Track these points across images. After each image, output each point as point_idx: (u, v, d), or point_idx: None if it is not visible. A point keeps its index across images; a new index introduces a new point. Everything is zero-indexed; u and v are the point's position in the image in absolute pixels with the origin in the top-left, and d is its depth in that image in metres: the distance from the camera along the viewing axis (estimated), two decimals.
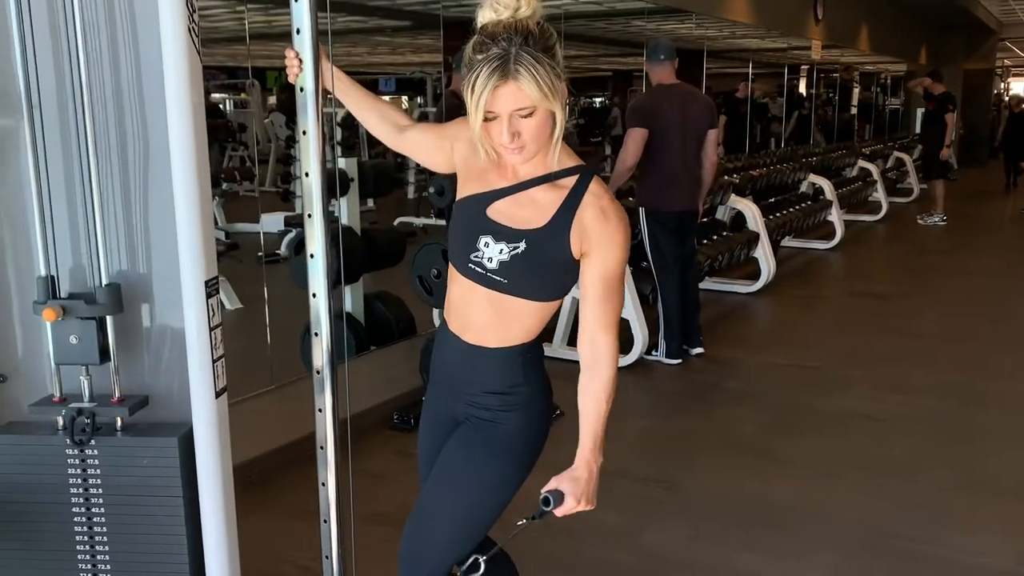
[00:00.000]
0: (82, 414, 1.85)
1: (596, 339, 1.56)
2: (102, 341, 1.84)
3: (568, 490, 1.54)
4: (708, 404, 4.17)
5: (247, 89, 8.38)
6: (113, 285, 1.83)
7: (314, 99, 1.78)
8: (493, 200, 1.58)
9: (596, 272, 1.54)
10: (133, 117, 1.85)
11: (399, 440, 3.61)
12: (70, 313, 1.81)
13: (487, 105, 1.43)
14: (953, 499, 3.11)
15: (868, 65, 14.56)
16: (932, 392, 4.25)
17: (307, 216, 1.85)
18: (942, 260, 7.85)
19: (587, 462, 1.56)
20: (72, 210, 1.87)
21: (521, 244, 1.53)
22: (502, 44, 1.41)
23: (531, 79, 1.41)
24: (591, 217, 1.53)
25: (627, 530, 2.84)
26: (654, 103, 4.50)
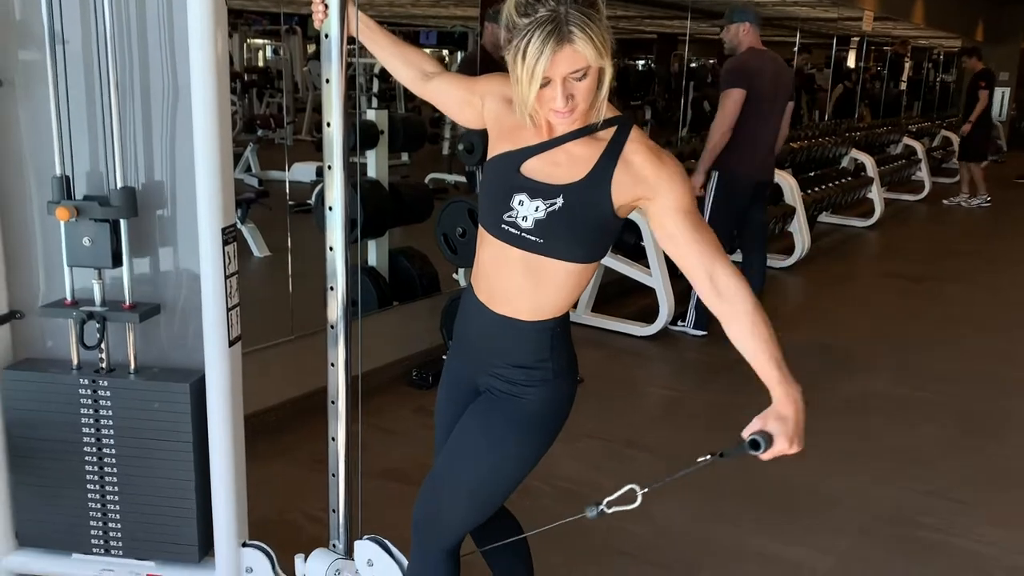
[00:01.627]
0: (93, 317, 1.84)
1: (714, 275, 1.43)
2: (115, 245, 1.83)
3: (777, 430, 1.39)
4: (731, 380, 4.10)
5: (284, 36, 8.33)
6: (128, 188, 1.81)
7: (339, 46, 1.74)
8: (528, 157, 1.51)
9: (672, 212, 1.44)
10: (157, 60, 1.82)
11: (416, 397, 3.61)
12: (84, 214, 1.80)
13: (544, 72, 1.35)
14: (976, 489, 3.05)
15: (921, 39, 14.14)
16: (960, 379, 4.15)
17: (327, 167, 1.82)
18: (982, 245, 7.66)
19: (788, 395, 1.41)
20: (94, 144, 1.85)
21: (558, 200, 1.46)
22: (550, 4, 1.34)
23: (586, 40, 1.34)
24: (641, 162, 1.45)
25: (642, 503, 2.81)
26: (753, 65, 4.29)
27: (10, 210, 1.92)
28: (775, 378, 1.42)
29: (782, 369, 1.42)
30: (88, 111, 1.84)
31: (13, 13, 1.82)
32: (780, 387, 1.41)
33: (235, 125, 7.41)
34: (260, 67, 8.18)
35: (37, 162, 1.88)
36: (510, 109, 1.57)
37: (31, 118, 1.87)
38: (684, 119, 9.79)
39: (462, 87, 1.71)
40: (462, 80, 1.73)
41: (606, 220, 1.48)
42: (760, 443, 1.40)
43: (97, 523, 1.97)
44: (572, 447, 3.09)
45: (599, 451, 3.19)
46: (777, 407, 1.41)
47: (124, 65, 1.81)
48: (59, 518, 1.98)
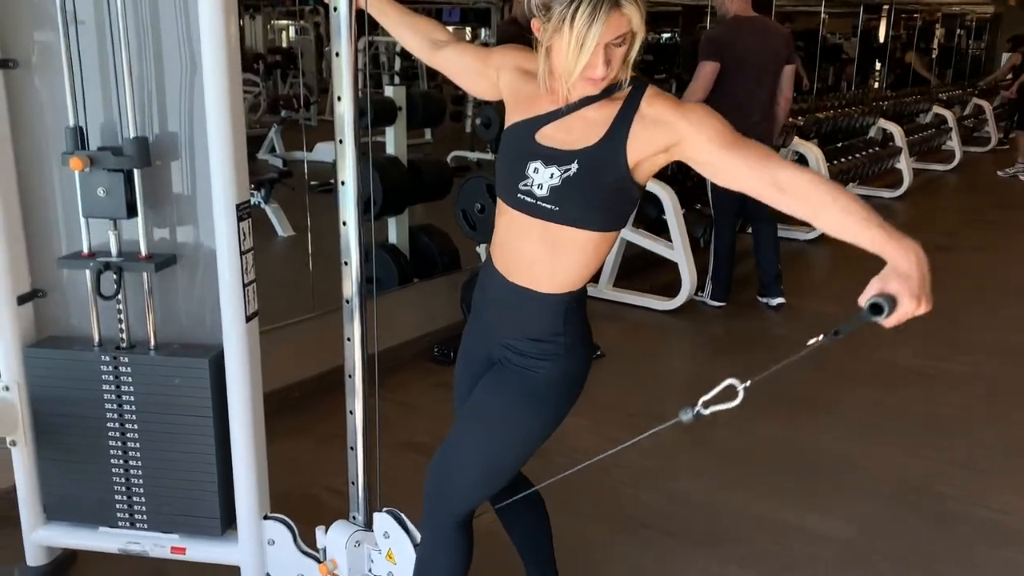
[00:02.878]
0: (109, 268, 1.87)
1: (778, 182, 1.35)
2: (130, 195, 1.85)
3: (900, 290, 1.26)
4: (754, 351, 4.09)
5: (306, 16, 8.33)
6: (140, 138, 1.83)
7: (348, 19, 1.73)
8: (543, 124, 1.50)
9: (708, 145, 1.39)
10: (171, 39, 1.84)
11: (438, 373, 3.62)
12: (97, 164, 1.82)
13: (595, 40, 1.33)
14: (1000, 461, 3.01)
15: (953, 5, 13.84)
16: (988, 351, 4.09)
17: (338, 142, 1.83)
18: (1014, 215, 7.52)
19: (905, 249, 1.27)
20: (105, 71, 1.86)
21: (573, 166, 1.45)
22: None
23: (634, 4, 1.33)
24: (659, 110, 1.42)
25: (659, 473, 2.82)
26: (729, 35, 4.29)
27: (31, 191, 1.95)
28: (883, 239, 1.28)
29: (888, 228, 1.29)
30: (102, 69, 1.85)
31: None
32: (891, 244, 1.28)
33: (259, 107, 7.44)
34: (284, 48, 8.20)
35: (56, 138, 1.90)
36: (526, 79, 1.56)
37: (49, 94, 1.89)
38: None
39: (475, 58, 1.70)
40: (475, 51, 1.72)
41: (623, 183, 1.45)
42: (883, 306, 1.25)
43: (122, 497, 2.01)
44: (592, 419, 3.08)
45: (620, 423, 3.18)
46: (895, 264, 1.27)
47: (137, 34, 1.82)
48: (85, 492, 2.03)
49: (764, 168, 1.37)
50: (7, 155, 1.89)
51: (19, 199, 1.93)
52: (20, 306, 1.95)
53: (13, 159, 1.91)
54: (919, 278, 1.27)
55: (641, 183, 1.48)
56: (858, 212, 1.31)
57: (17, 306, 1.94)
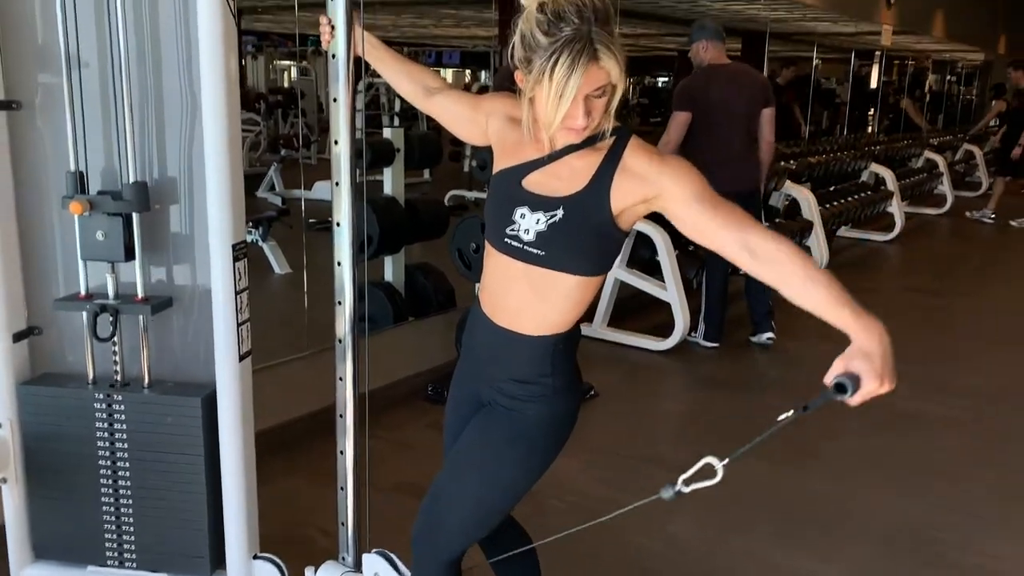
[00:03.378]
0: (106, 310, 1.88)
1: (749, 243, 1.39)
2: (128, 239, 1.87)
3: (864, 369, 1.28)
4: (748, 392, 4.10)
5: (308, 57, 8.44)
6: (139, 183, 1.86)
7: (345, 65, 1.78)
8: (529, 171, 1.53)
9: (685, 202, 1.42)
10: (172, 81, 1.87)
11: (432, 412, 3.62)
12: (97, 208, 1.84)
13: (575, 91, 1.37)
14: (993, 506, 3.01)
15: (943, 53, 14.06)
16: (979, 395, 4.11)
17: (334, 184, 1.86)
18: (1005, 259, 7.58)
19: (867, 331, 1.30)
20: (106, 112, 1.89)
21: (559, 211, 1.48)
22: (574, 23, 1.35)
23: (611, 57, 1.37)
24: (641, 163, 1.46)
25: (655, 517, 2.81)
26: (701, 85, 4.40)
27: (29, 229, 1.97)
28: (848, 317, 1.31)
29: (853, 306, 1.32)
30: (104, 115, 1.89)
31: (36, 37, 1.88)
32: (857, 323, 1.31)
33: (260, 145, 7.51)
34: (285, 88, 8.30)
35: (56, 179, 1.93)
36: (513, 127, 1.59)
37: (52, 135, 1.92)
38: None
39: (466, 105, 1.74)
40: (466, 98, 1.77)
41: (606, 229, 1.48)
42: (847, 386, 1.29)
43: (112, 535, 2.01)
44: (585, 460, 3.09)
45: (614, 465, 3.19)
46: (858, 344, 1.30)
47: (140, 80, 1.86)
48: (75, 530, 2.02)
49: (738, 231, 1.40)
50: (7, 194, 1.92)
51: (18, 237, 1.95)
52: (15, 343, 1.96)
53: (13, 198, 1.93)
54: (882, 358, 1.29)
55: (625, 229, 1.51)
56: (826, 286, 1.34)
57: (12, 343, 1.95)
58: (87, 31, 1.86)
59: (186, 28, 1.84)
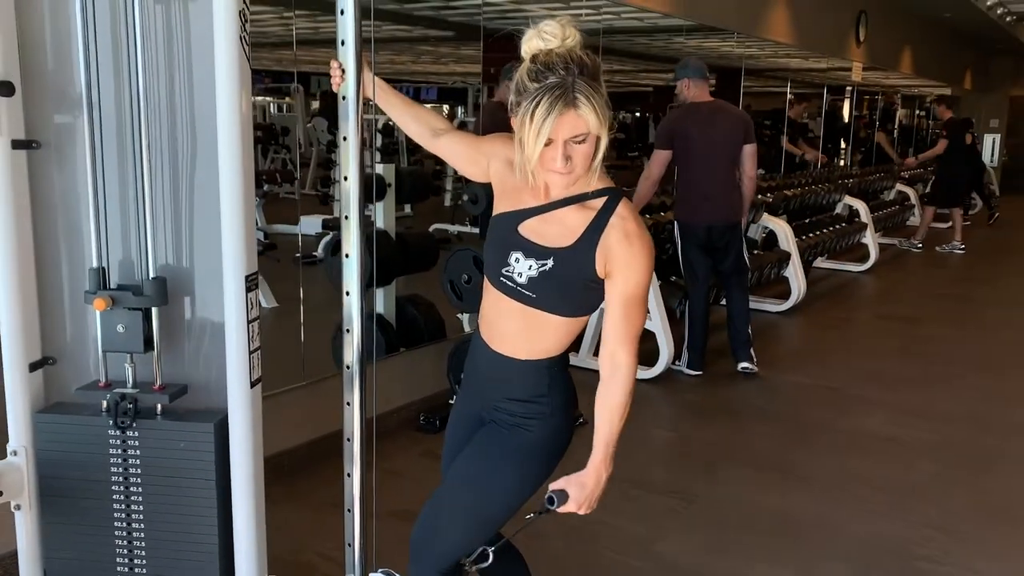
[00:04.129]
0: (125, 399, 1.96)
1: (616, 353, 1.62)
2: (147, 331, 1.94)
3: (573, 494, 1.62)
4: (731, 419, 4.20)
5: (292, 93, 8.54)
6: (159, 279, 1.93)
7: (355, 107, 1.87)
8: (525, 218, 1.66)
9: (618, 292, 1.61)
10: (184, 120, 1.96)
11: (424, 441, 3.69)
12: (118, 303, 1.92)
13: (549, 133, 1.50)
14: (970, 523, 3.12)
15: (912, 88, 14.44)
16: (954, 418, 4.24)
17: (344, 218, 1.94)
18: (976, 288, 7.78)
19: (596, 470, 1.63)
20: (124, 206, 1.97)
21: (549, 261, 1.61)
22: (560, 73, 1.49)
23: (590, 107, 1.49)
24: (616, 239, 1.60)
25: (644, 538, 2.89)
26: (681, 122, 4.56)
27: (44, 264, 2.04)
28: (598, 456, 1.63)
29: (607, 451, 1.63)
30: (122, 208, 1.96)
31: (47, 79, 1.96)
32: (598, 462, 1.63)
33: None
34: (266, 124, 8.38)
35: (67, 219, 2.00)
36: (512, 171, 1.70)
37: (65, 180, 2.00)
38: None
39: (469, 146, 1.86)
40: (469, 139, 1.88)
41: (592, 282, 1.62)
42: (555, 500, 1.63)
43: (123, 561, 2.05)
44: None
45: (606, 490, 3.26)
46: (582, 475, 1.63)
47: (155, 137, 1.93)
48: (86, 557, 2.06)
49: (623, 339, 1.62)
50: (26, 227, 1.99)
51: (35, 265, 2.02)
52: (31, 372, 2.02)
53: (32, 232, 2.00)
54: (591, 491, 1.63)
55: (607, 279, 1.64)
56: (614, 423, 1.64)
57: (28, 372, 2.01)
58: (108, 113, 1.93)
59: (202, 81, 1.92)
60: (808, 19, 8.16)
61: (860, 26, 9.51)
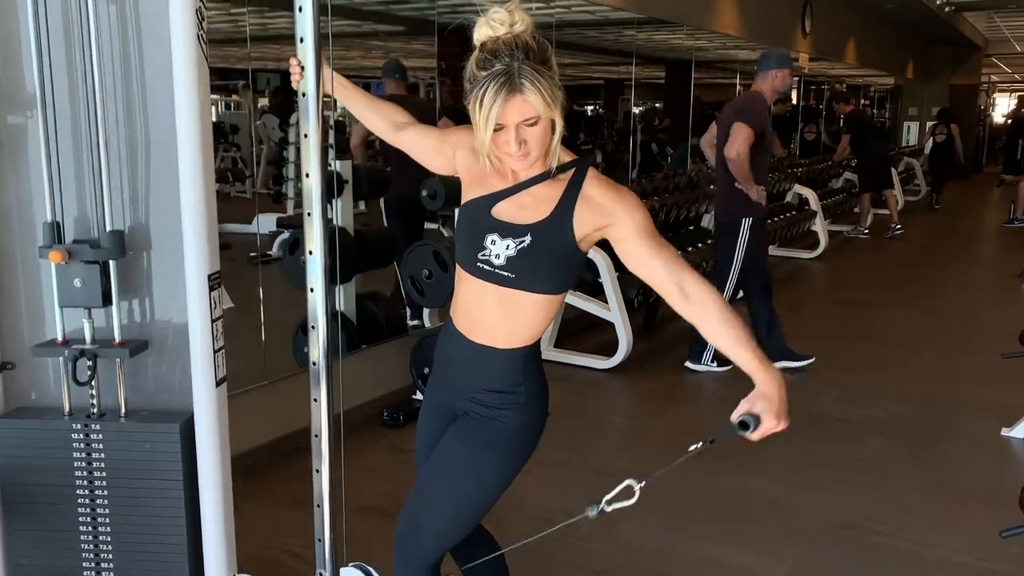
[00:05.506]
0: (84, 355, 1.92)
1: (683, 285, 1.55)
2: (105, 285, 1.92)
3: (764, 409, 1.49)
4: (689, 405, 4.29)
5: (240, 91, 8.43)
6: (116, 231, 1.91)
7: (315, 104, 1.88)
8: (497, 201, 1.67)
9: (635, 235, 1.58)
10: (141, 121, 1.94)
11: (389, 436, 3.71)
12: (75, 257, 1.89)
13: (497, 119, 1.53)
14: (922, 497, 3.23)
15: (857, 78, 14.75)
16: (903, 398, 4.37)
17: (306, 215, 1.95)
18: (921, 270, 8.00)
19: (770, 376, 1.51)
20: (79, 163, 1.94)
21: (527, 238, 1.62)
22: (505, 60, 1.51)
23: (535, 91, 1.51)
24: (599, 193, 1.61)
25: (604, 522, 2.92)
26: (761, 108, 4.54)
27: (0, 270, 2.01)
28: (754, 363, 1.52)
29: (758, 354, 1.52)
30: (76, 162, 1.94)
31: (5, 81, 1.94)
32: (760, 370, 1.51)
33: None
34: (216, 123, 8.26)
35: (23, 214, 1.98)
36: (477, 159, 1.73)
37: (18, 172, 1.98)
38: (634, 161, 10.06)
39: (434, 138, 1.87)
40: (433, 132, 1.90)
41: (570, 252, 1.63)
42: (749, 423, 1.49)
43: (90, 564, 2.04)
44: (541, 476, 3.20)
45: (568, 479, 3.31)
46: (761, 388, 1.51)
47: (110, 120, 1.92)
48: (53, 562, 2.04)
49: (677, 270, 1.57)
50: None
51: None
52: None
53: None
54: (779, 400, 1.50)
55: (585, 251, 1.66)
56: (739, 332, 1.54)
57: None
58: (60, 74, 1.92)
59: (157, 71, 1.92)
60: (755, 11, 8.30)
61: (805, 17, 9.69)
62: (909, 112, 17.11)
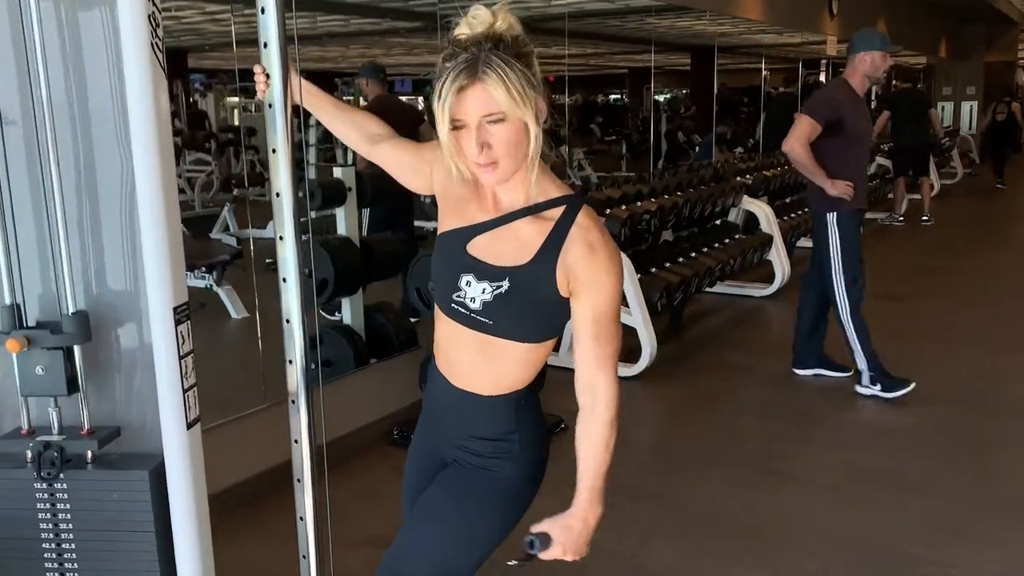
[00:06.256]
0: (50, 447, 1.78)
1: (594, 382, 1.47)
2: (70, 371, 1.77)
3: (557, 538, 1.46)
4: (717, 414, 4.06)
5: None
6: (80, 313, 1.76)
7: (283, 116, 1.70)
8: (474, 235, 1.48)
9: (587, 312, 1.43)
10: (101, 140, 1.78)
11: (398, 456, 3.48)
12: (35, 343, 1.74)
13: (452, 110, 1.34)
14: (967, 515, 2.99)
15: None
16: (947, 400, 4.11)
17: (279, 238, 1.78)
18: (960, 260, 7.67)
19: (583, 512, 1.47)
20: (40, 237, 1.79)
21: (504, 283, 1.43)
22: (472, 50, 1.33)
23: (498, 80, 1.31)
24: (578, 253, 1.41)
25: (627, 544, 2.74)
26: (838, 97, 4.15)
27: None
28: (583, 496, 1.47)
29: (593, 492, 1.48)
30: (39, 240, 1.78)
31: None
32: (584, 503, 1.47)
33: (212, 186, 7.36)
34: (235, 125, 8.18)
35: None
36: (457, 181, 1.52)
37: None
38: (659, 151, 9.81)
39: (411, 154, 1.68)
40: (411, 147, 1.70)
41: (553, 303, 1.44)
42: (536, 544, 1.47)
43: None
44: (559, 499, 2.99)
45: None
46: (569, 517, 1.47)
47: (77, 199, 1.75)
48: None
49: (601, 364, 1.46)
50: None
51: None
52: None
53: None
54: (577, 536, 1.47)
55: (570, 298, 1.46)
56: (599, 461, 1.49)
57: None
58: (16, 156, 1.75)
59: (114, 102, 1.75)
60: None
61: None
62: (943, 92, 16.63)
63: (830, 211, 4.13)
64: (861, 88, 4.16)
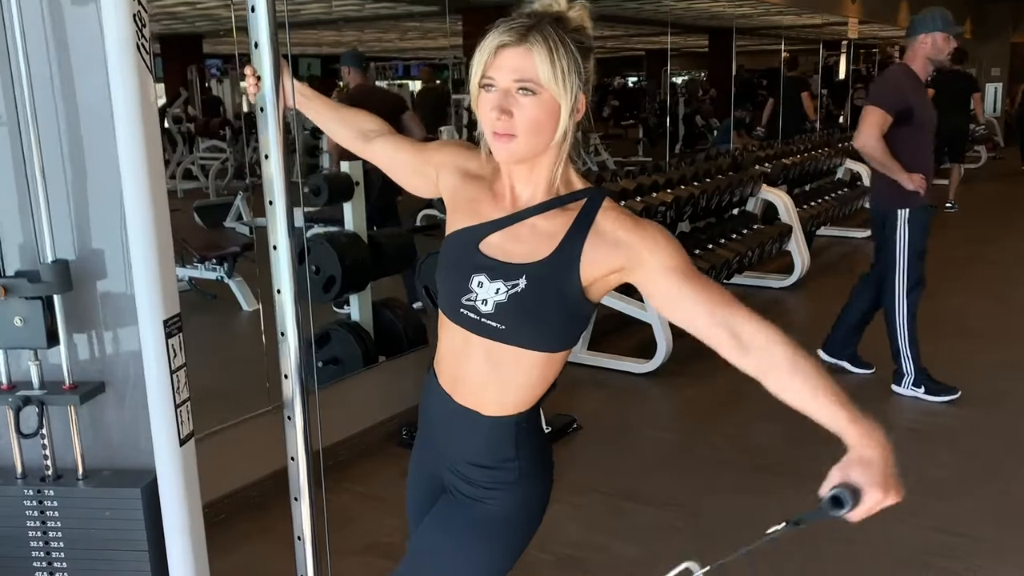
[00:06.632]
0: (31, 402, 1.70)
1: (736, 331, 1.25)
2: (50, 323, 1.69)
3: (865, 479, 1.17)
4: (733, 416, 3.95)
5: None
6: (60, 261, 1.68)
7: (275, 119, 1.62)
8: (487, 233, 1.37)
9: (663, 273, 1.27)
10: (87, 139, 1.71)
11: (406, 457, 3.41)
12: (13, 292, 1.66)
13: (487, 65, 1.25)
14: (998, 524, 2.88)
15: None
16: (981, 400, 3.96)
17: (272, 248, 1.70)
18: (988, 249, 7.48)
19: (867, 435, 1.19)
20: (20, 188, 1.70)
21: (521, 281, 1.31)
22: (532, 18, 1.26)
23: (545, 50, 1.22)
24: (616, 228, 1.30)
25: (641, 559, 2.66)
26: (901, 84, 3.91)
27: None
28: (843, 419, 1.20)
29: (848, 407, 1.21)
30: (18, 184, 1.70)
31: None
32: (853, 427, 1.20)
33: (226, 173, 7.30)
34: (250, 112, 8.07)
35: None
36: (467, 181, 1.44)
37: None
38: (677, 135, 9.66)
39: (414, 155, 1.58)
40: (413, 146, 1.60)
41: (575, 302, 1.33)
42: (844, 500, 1.17)
43: None
44: (571, 505, 2.93)
45: (600, 507, 3.03)
46: (857, 451, 1.19)
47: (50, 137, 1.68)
48: None
49: (724, 313, 1.26)
50: None
51: None
52: None
53: None
54: (883, 465, 1.18)
55: (594, 302, 1.36)
56: (814, 380, 1.23)
57: None
58: None
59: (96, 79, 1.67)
60: None
61: None
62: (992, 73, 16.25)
63: (902, 207, 3.90)
64: (923, 72, 3.91)
